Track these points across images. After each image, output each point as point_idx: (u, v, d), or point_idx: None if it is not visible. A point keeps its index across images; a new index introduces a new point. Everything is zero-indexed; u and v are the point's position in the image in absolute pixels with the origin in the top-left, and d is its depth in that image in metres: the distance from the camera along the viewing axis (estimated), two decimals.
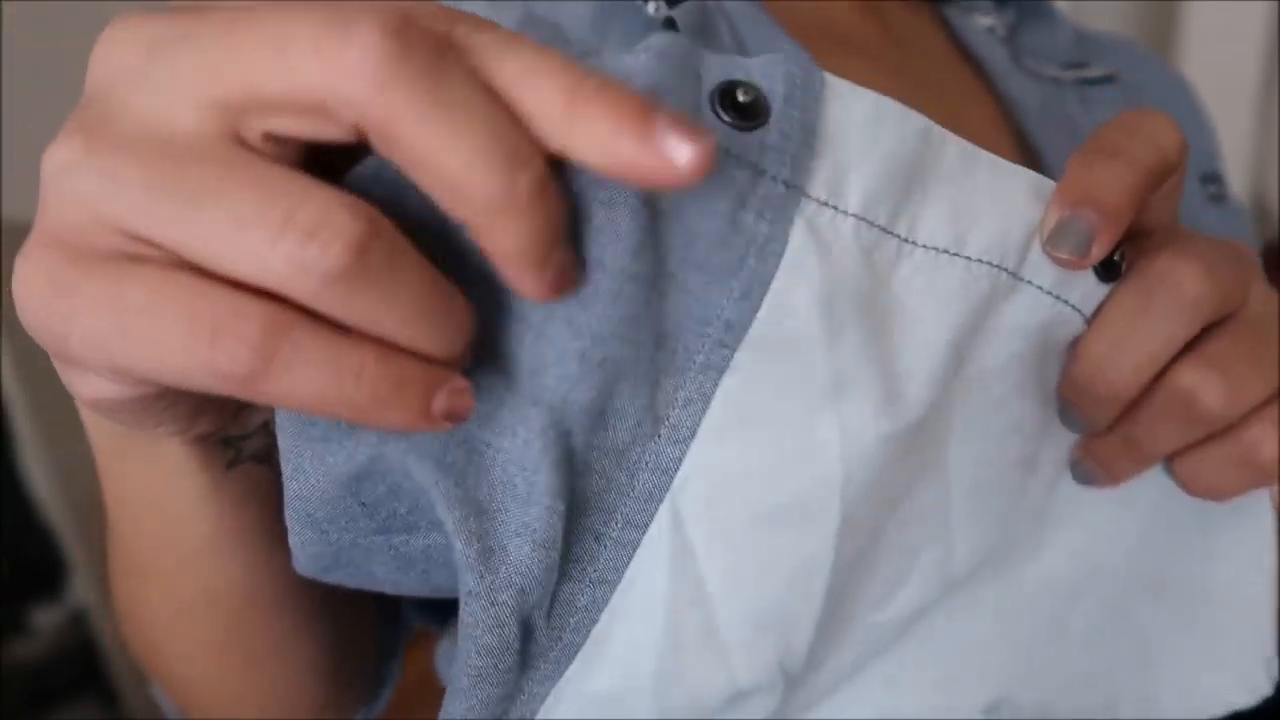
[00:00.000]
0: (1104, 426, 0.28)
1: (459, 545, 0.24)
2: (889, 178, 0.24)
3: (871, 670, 0.31)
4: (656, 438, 0.25)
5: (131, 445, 0.27)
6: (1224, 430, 0.27)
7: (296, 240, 0.17)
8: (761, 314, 0.24)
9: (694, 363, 0.25)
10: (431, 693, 0.46)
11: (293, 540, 0.25)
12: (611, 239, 0.22)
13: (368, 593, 0.39)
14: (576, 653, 0.27)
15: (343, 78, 0.17)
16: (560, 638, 0.27)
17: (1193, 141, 0.53)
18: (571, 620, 0.27)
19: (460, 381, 0.20)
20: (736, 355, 0.24)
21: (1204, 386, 0.26)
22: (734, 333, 0.24)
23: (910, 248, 0.25)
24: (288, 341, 0.18)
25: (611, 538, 0.26)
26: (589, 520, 0.26)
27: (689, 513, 0.25)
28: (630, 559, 0.26)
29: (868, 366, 0.25)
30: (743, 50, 0.38)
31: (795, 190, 0.23)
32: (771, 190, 0.23)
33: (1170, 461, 0.29)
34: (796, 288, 0.24)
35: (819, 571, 0.26)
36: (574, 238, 0.22)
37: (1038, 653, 0.32)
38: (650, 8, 0.36)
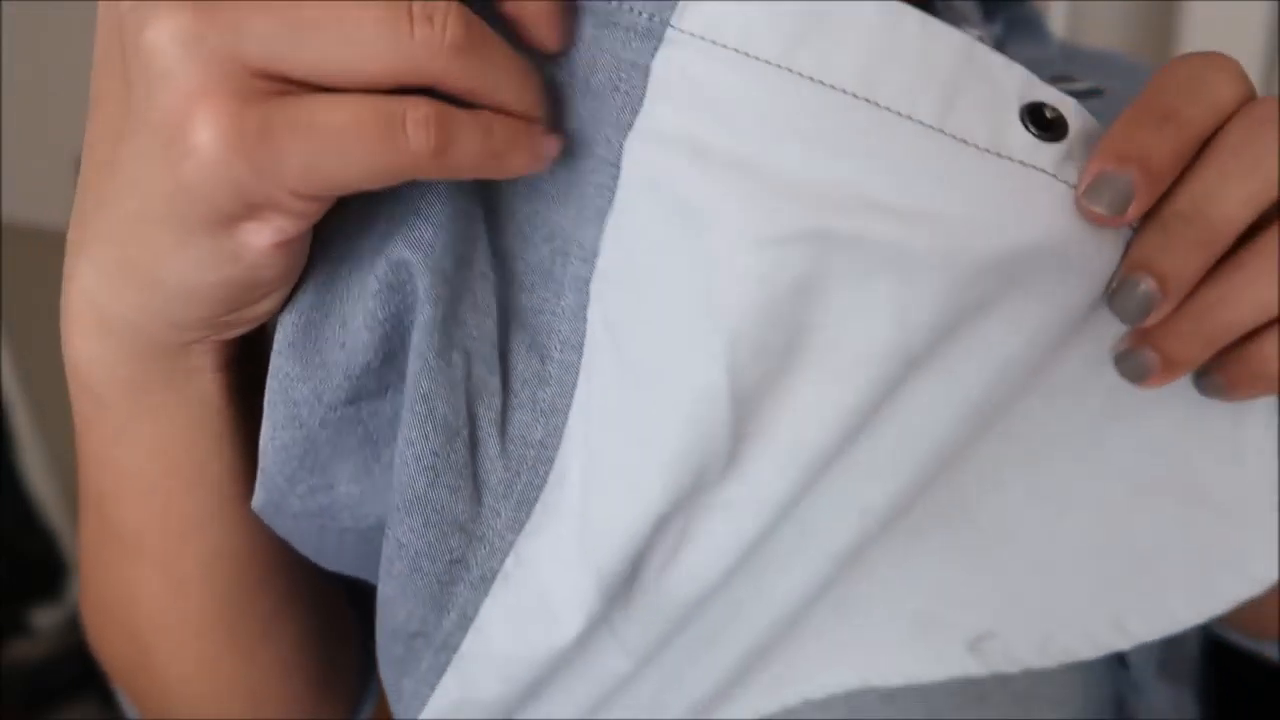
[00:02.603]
0: (1174, 297, 0.25)
1: (427, 310, 0.26)
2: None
3: (840, 628, 0.31)
4: (571, 259, 0.27)
5: (166, 389, 0.27)
6: None
7: (425, 26, 0.22)
8: (632, 139, 0.25)
9: (590, 183, 0.26)
10: None
11: (264, 434, 0.27)
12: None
13: (345, 599, 0.39)
14: (538, 496, 0.28)
15: None
16: (520, 474, 0.28)
17: None
18: (530, 454, 0.28)
19: (547, 132, 0.25)
20: (619, 193, 0.26)
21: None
22: (614, 150, 0.26)
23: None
24: (450, 117, 0.23)
25: (555, 360, 0.28)
26: (532, 336, 0.28)
27: (601, 338, 0.27)
28: (575, 385, 0.28)
29: (741, 186, 0.25)
30: None
31: (661, 24, 0.25)
32: (637, 22, 0.25)
33: (1230, 355, 0.26)
34: (664, 112, 0.25)
35: (720, 399, 0.26)
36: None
37: (1024, 584, 0.31)
38: None
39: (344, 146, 0.22)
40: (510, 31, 0.25)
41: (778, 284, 0.25)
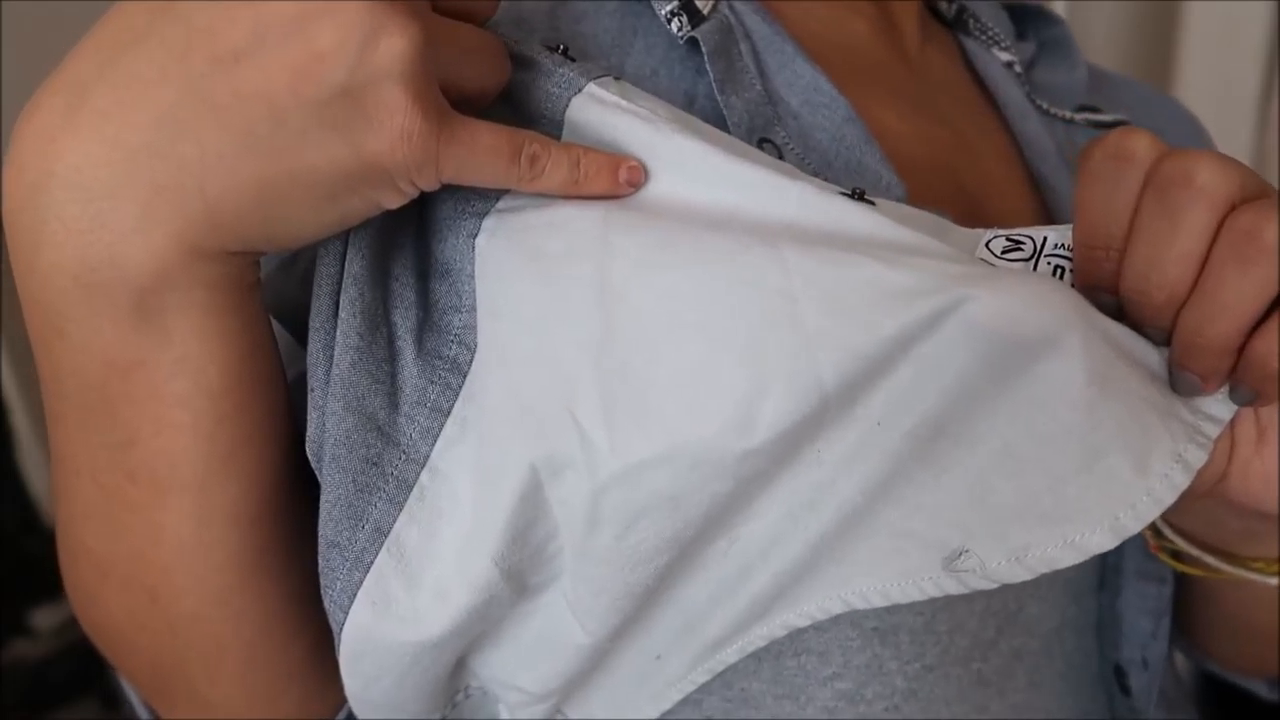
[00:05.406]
0: (1167, 327, 0.29)
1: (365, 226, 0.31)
2: None
3: (820, 557, 0.32)
4: (470, 203, 0.32)
5: (239, 310, 0.30)
6: None
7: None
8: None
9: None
10: None
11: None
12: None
13: None
14: (450, 409, 0.31)
15: None
16: (433, 382, 0.31)
17: None
18: (442, 368, 0.31)
19: (629, 162, 0.32)
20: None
21: (1265, 223, 0.27)
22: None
23: None
24: (549, 153, 0.31)
25: (466, 291, 0.32)
26: (446, 272, 0.32)
27: (491, 250, 0.32)
28: (473, 282, 0.32)
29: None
30: (762, 73, 0.38)
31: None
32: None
33: (1244, 350, 0.28)
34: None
35: (589, 316, 0.29)
36: None
37: (994, 488, 0.30)
38: (674, 26, 0.37)
39: (485, 161, 0.30)
40: None
41: None
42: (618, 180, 0.31)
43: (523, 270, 0.31)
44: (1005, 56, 0.49)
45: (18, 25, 1.14)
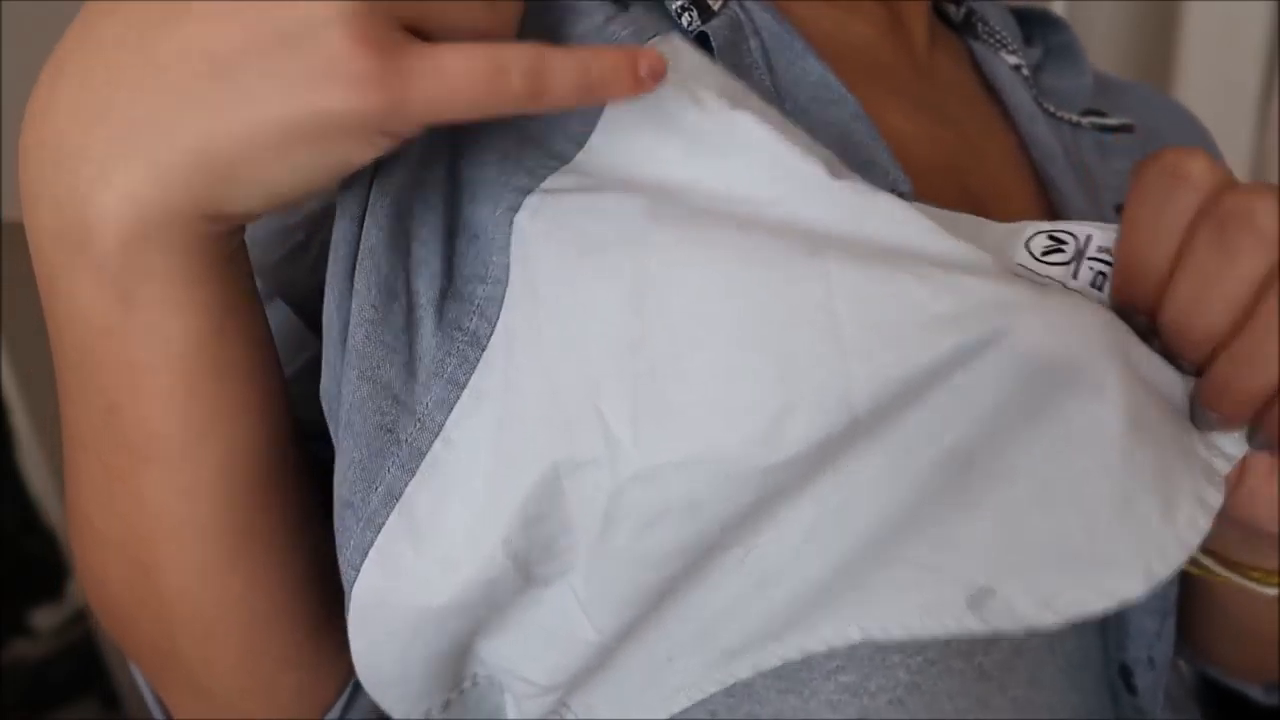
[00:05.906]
0: (1200, 363, 0.28)
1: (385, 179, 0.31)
2: None
3: (840, 581, 0.31)
4: (516, 173, 0.31)
5: (207, 280, 0.30)
6: None
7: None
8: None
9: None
10: None
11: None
12: None
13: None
14: (467, 381, 0.31)
15: None
16: (451, 354, 0.31)
17: None
18: (462, 339, 0.31)
19: (645, 54, 0.29)
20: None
21: None
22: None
23: None
24: (549, 66, 0.27)
25: (493, 262, 0.31)
26: (475, 239, 0.32)
27: (534, 248, 0.31)
28: (507, 287, 0.31)
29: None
30: (771, 69, 0.38)
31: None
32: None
33: (1265, 411, 0.28)
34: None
35: (625, 325, 0.29)
36: None
37: (1025, 526, 0.30)
38: (684, 21, 0.37)
39: (461, 89, 0.26)
40: None
41: None
42: (639, 77, 0.28)
43: (561, 256, 0.30)
44: (1013, 59, 0.49)
45: (18, 25, 1.14)
